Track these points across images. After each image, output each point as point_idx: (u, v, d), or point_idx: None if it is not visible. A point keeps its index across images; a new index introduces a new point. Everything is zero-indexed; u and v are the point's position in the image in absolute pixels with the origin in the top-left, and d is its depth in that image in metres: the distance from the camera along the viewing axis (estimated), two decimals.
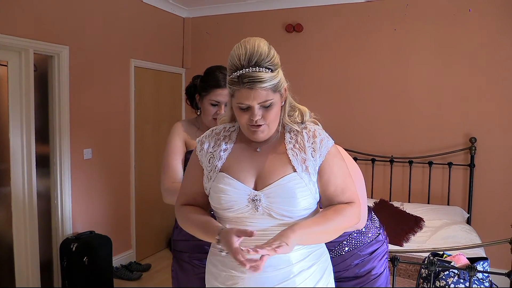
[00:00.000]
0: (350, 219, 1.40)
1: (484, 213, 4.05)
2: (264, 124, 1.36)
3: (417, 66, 4.26)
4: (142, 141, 4.67)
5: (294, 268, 1.37)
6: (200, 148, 1.50)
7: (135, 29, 4.49)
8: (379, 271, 1.84)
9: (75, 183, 3.83)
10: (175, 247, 2.03)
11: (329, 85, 4.58)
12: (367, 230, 1.86)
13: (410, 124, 4.31)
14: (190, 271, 1.96)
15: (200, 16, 5.21)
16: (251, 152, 1.45)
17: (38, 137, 3.50)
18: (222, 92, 1.98)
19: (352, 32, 4.49)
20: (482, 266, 2.48)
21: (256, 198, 1.36)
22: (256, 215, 1.36)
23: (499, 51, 3.94)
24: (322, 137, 1.42)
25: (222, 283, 1.41)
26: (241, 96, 1.33)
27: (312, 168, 1.38)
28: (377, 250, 1.85)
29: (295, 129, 1.43)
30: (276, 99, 1.35)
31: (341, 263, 1.81)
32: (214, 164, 1.45)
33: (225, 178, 1.40)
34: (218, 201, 1.39)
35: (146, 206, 4.74)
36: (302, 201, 1.36)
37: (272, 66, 1.33)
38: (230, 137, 1.49)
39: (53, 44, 3.54)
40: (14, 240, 3.38)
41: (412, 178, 4.32)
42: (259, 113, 1.34)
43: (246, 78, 1.30)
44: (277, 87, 1.34)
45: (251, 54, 1.31)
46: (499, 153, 3.99)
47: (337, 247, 1.81)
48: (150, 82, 4.80)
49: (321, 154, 1.39)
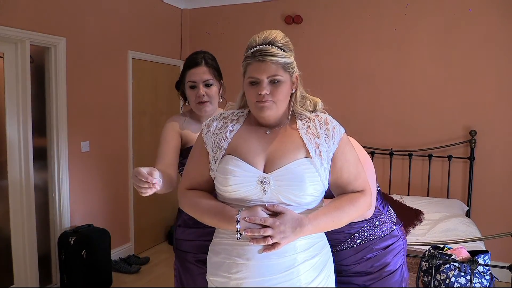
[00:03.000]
0: (362, 209, 1.44)
1: (483, 206, 4.05)
2: (271, 100, 1.38)
3: (417, 59, 4.23)
4: (140, 133, 4.64)
5: (298, 257, 1.37)
6: (206, 130, 1.51)
7: (133, 20, 4.45)
8: (393, 268, 1.78)
9: (73, 176, 3.80)
10: (179, 246, 1.98)
11: (328, 77, 4.55)
12: (381, 223, 1.80)
13: (409, 117, 4.29)
14: (195, 271, 1.91)
15: (198, 8, 5.17)
16: (259, 134, 1.46)
17: (35, 130, 3.46)
18: (195, 71, 1.93)
19: (351, 24, 4.46)
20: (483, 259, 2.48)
21: (265, 181, 1.36)
22: (263, 198, 1.36)
23: (499, 47, 3.92)
24: (334, 125, 1.46)
25: (226, 271, 1.40)
26: (252, 70, 1.39)
27: (325, 154, 1.40)
28: (392, 245, 1.80)
29: (306, 116, 1.46)
30: (285, 78, 1.39)
31: (353, 256, 1.77)
32: (219, 145, 1.45)
33: (233, 160, 1.40)
34: (225, 182, 1.39)
35: (144, 199, 4.70)
36: (310, 187, 1.36)
37: (285, 48, 1.40)
38: (238, 121, 1.51)
39: (49, 35, 3.50)
40: (12, 233, 3.36)
41: (412, 171, 4.31)
42: (268, 88, 1.37)
43: (258, 52, 1.38)
44: (287, 67, 1.39)
45: (266, 36, 1.40)
46: (499, 146, 3.98)
47: (348, 239, 1.77)
48: (148, 74, 4.75)
49: (334, 141, 1.42)
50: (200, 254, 1.87)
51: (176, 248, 2.00)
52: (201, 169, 1.50)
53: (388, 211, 1.88)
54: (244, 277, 1.37)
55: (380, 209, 1.83)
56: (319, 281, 1.40)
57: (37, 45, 3.45)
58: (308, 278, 1.37)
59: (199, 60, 1.95)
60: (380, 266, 1.76)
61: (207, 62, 1.95)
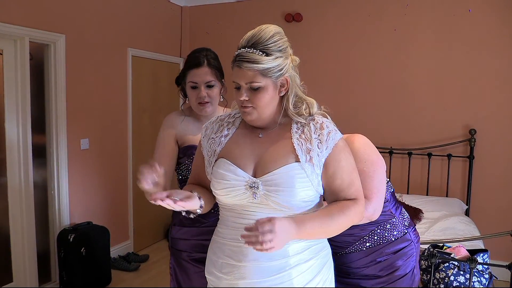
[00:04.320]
0: (354, 218, 1.37)
1: (482, 205, 4.05)
2: (251, 106, 1.37)
3: (417, 57, 4.23)
4: (140, 131, 4.63)
5: (291, 260, 1.35)
6: (204, 133, 1.53)
7: (133, 17, 4.43)
8: (403, 272, 1.73)
9: (72, 174, 3.80)
10: (174, 245, 1.99)
11: (328, 76, 4.54)
12: (393, 227, 1.75)
13: (409, 116, 4.29)
14: (191, 269, 1.92)
15: (198, 5, 5.15)
16: (252, 138, 1.44)
17: (34, 127, 3.45)
18: (197, 71, 1.91)
19: (352, 23, 4.45)
20: (482, 258, 2.48)
21: (254, 185, 1.34)
22: (254, 204, 1.35)
23: (499, 47, 3.93)
24: (330, 130, 1.39)
25: (219, 270, 1.42)
26: (233, 75, 1.37)
27: (316, 160, 1.35)
28: (403, 249, 1.74)
29: (302, 120, 1.41)
30: (265, 84, 1.34)
31: (362, 259, 1.73)
32: (213, 149, 1.46)
33: (225, 164, 1.40)
34: (217, 186, 1.40)
35: (143, 197, 4.66)
36: (301, 192, 1.33)
37: (269, 51, 1.33)
38: (234, 123, 1.50)
39: (49, 32, 3.48)
40: (11, 231, 3.35)
41: (411, 169, 4.31)
42: (246, 94, 1.36)
43: (238, 57, 1.34)
44: (267, 72, 1.33)
45: (252, 36, 1.35)
46: (498, 145, 3.98)
47: (357, 242, 1.73)
48: (147, 71, 4.74)
49: (327, 146, 1.36)
50: (195, 253, 1.88)
51: (171, 246, 2.01)
52: (199, 170, 1.53)
53: (401, 214, 1.83)
54: (235, 278, 1.38)
55: (392, 212, 1.78)
56: (315, 285, 1.39)
57: (36, 42, 3.44)
58: (301, 281, 1.36)
59: (201, 60, 1.91)
60: (390, 270, 1.72)
61: (209, 62, 1.92)
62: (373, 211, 1.63)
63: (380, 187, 1.65)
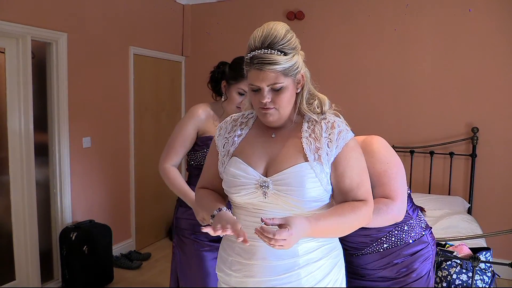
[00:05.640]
0: (363, 220, 1.37)
1: (485, 203, 4.05)
2: (273, 108, 1.35)
3: (419, 56, 4.21)
4: (142, 129, 4.63)
5: (300, 260, 1.35)
6: (218, 133, 1.54)
7: (134, 16, 4.43)
8: (419, 275, 1.72)
9: (74, 172, 3.80)
10: (178, 224, 2.19)
11: (330, 74, 4.53)
12: (410, 228, 1.74)
13: (411, 114, 4.28)
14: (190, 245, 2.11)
15: (199, 3, 5.14)
16: (265, 138, 1.45)
17: (37, 125, 3.45)
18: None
19: (354, 20, 4.44)
20: (485, 257, 2.48)
21: (264, 184, 1.35)
22: (265, 202, 1.36)
23: (499, 46, 3.91)
24: (341, 129, 1.39)
25: (229, 268, 1.44)
26: (251, 77, 1.34)
27: (325, 159, 1.35)
28: (420, 251, 1.73)
29: (313, 119, 1.41)
30: (287, 83, 1.34)
31: (378, 260, 1.72)
32: (227, 149, 1.47)
33: (237, 163, 1.41)
34: (229, 184, 1.41)
35: (146, 195, 4.72)
36: (311, 192, 1.33)
37: (286, 50, 1.31)
38: (247, 124, 1.51)
39: (51, 30, 3.49)
40: (14, 229, 3.36)
41: (414, 167, 4.30)
42: (269, 95, 1.34)
43: (256, 59, 1.30)
44: (288, 71, 1.32)
45: (265, 36, 1.31)
46: (501, 143, 3.97)
47: (375, 243, 1.72)
48: (149, 70, 4.74)
49: (337, 145, 1.36)
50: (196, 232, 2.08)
51: (175, 226, 2.22)
52: (213, 170, 1.53)
53: (418, 216, 1.81)
54: (244, 276, 1.38)
55: (410, 214, 1.76)
56: (324, 285, 1.39)
57: (38, 40, 3.44)
58: (310, 281, 1.36)
59: None
60: (406, 272, 1.71)
61: None
62: (398, 211, 1.61)
63: (402, 187, 1.64)
